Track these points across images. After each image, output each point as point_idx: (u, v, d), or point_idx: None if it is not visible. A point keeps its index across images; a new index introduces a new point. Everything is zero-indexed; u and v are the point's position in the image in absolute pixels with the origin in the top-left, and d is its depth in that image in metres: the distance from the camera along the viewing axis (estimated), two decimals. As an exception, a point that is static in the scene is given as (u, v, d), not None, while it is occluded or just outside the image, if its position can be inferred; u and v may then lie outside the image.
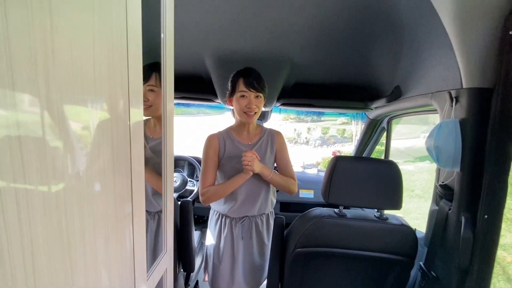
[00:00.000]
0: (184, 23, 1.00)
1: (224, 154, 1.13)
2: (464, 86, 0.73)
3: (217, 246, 1.20)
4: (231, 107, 1.61)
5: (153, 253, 1.03)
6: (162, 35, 0.55)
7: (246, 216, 1.17)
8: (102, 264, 0.38)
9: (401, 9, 0.85)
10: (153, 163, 1.01)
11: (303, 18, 0.94)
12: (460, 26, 0.66)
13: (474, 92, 0.71)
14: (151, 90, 0.98)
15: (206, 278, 1.28)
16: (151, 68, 0.96)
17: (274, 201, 1.26)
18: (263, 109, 1.18)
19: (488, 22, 0.64)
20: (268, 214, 1.23)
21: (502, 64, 0.64)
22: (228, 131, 1.18)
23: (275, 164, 1.23)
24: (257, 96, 1.06)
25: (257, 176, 1.10)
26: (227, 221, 1.18)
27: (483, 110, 0.70)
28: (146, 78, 0.95)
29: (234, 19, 0.96)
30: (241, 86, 1.05)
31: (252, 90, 1.03)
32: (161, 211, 1.04)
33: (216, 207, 1.21)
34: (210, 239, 1.24)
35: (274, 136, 1.20)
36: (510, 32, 0.62)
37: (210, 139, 1.14)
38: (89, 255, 0.34)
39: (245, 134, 1.17)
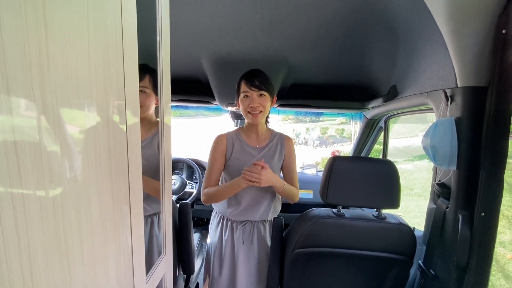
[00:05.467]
0: (180, 26, 1.01)
1: (231, 156, 1.11)
2: (458, 85, 0.74)
3: (218, 249, 1.19)
4: (228, 109, 1.60)
5: (148, 257, 1.03)
6: (158, 38, 0.55)
7: (247, 220, 1.15)
8: (101, 268, 0.38)
9: (396, 9, 0.86)
10: (142, 166, 1.01)
11: (299, 19, 0.94)
12: (454, 25, 0.67)
13: (469, 91, 0.72)
14: (142, 91, 0.98)
15: (207, 283, 1.27)
16: (144, 70, 0.96)
17: (279, 208, 1.22)
18: None
19: (482, 21, 0.65)
20: (271, 220, 1.19)
21: (495, 63, 0.64)
22: (238, 132, 1.16)
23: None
24: (260, 95, 1.03)
25: None
26: (228, 223, 1.17)
27: (478, 108, 0.70)
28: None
29: (230, 20, 0.97)
30: (243, 87, 1.04)
31: (253, 89, 1.02)
32: (153, 214, 1.05)
33: (218, 208, 1.20)
34: (211, 241, 1.23)
35: (284, 141, 1.16)
36: (504, 31, 0.62)
37: (219, 139, 1.12)
38: (87, 259, 0.34)
39: (254, 137, 1.14)
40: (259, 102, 1.03)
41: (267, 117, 1.18)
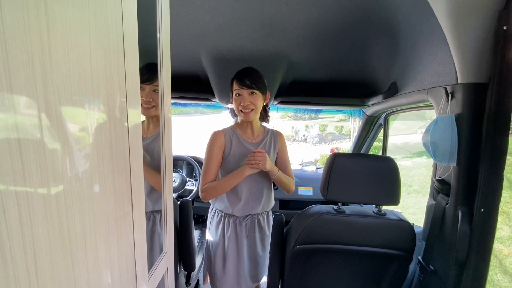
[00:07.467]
0: (179, 22, 1.00)
1: (230, 152, 1.13)
2: (459, 82, 0.74)
3: (221, 246, 1.19)
4: (228, 106, 1.60)
5: (150, 253, 1.03)
6: (158, 35, 0.55)
7: (250, 214, 1.18)
8: (104, 265, 0.38)
9: (396, 5, 0.86)
10: (148, 161, 1.01)
11: (299, 15, 0.94)
12: (455, 21, 0.66)
13: (469, 87, 0.72)
14: (155, 91, 0.97)
15: (208, 281, 1.28)
16: (157, 69, 0.96)
17: (273, 198, 1.27)
18: None
19: (482, 17, 0.64)
20: (268, 211, 1.25)
21: (496, 59, 0.64)
22: (234, 128, 1.18)
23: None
24: (251, 93, 1.06)
25: (259, 173, 1.11)
26: (231, 220, 1.18)
27: (478, 105, 0.70)
28: (151, 79, 0.95)
29: (230, 16, 0.96)
30: (235, 85, 1.07)
31: (244, 87, 1.04)
32: (155, 211, 1.05)
33: (219, 206, 1.21)
34: (212, 240, 1.24)
35: (277, 136, 1.22)
36: (504, 27, 0.62)
37: (216, 136, 1.13)
38: (90, 255, 0.34)
39: (249, 133, 1.18)
40: (250, 100, 1.06)
41: (267, 114, 1.21)
